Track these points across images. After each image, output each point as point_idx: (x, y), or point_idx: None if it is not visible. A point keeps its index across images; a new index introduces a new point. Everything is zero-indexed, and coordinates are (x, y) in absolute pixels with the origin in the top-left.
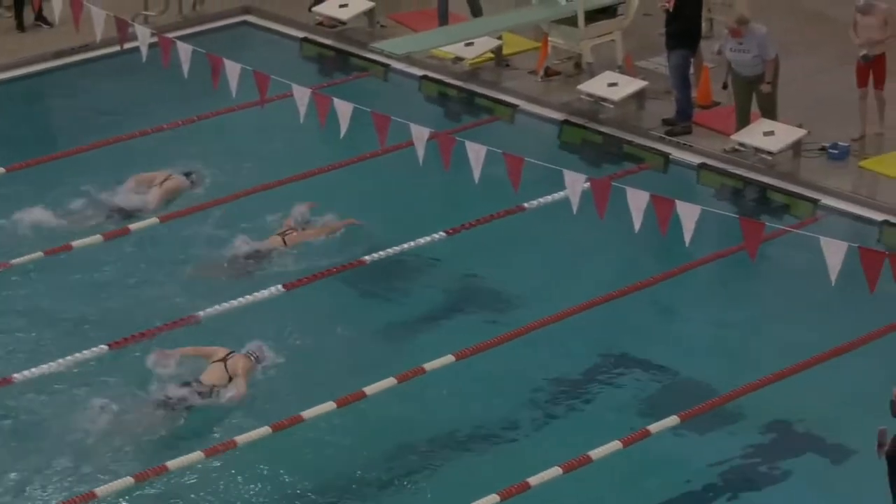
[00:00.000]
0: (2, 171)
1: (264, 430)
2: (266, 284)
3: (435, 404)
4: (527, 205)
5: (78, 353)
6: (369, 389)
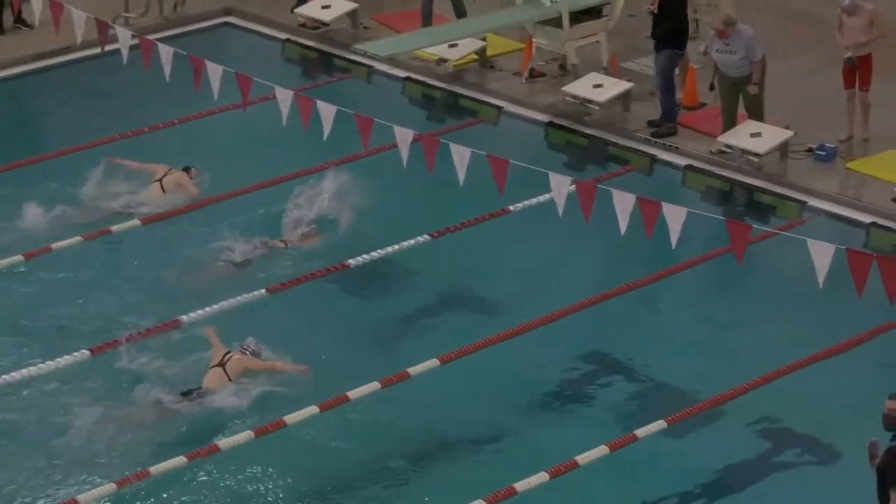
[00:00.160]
0: None
1: (247, 435)
2: (249, 288)
3: (420, 409)
4: (512, 207)
5: (59, 357)
6: (353, 394)
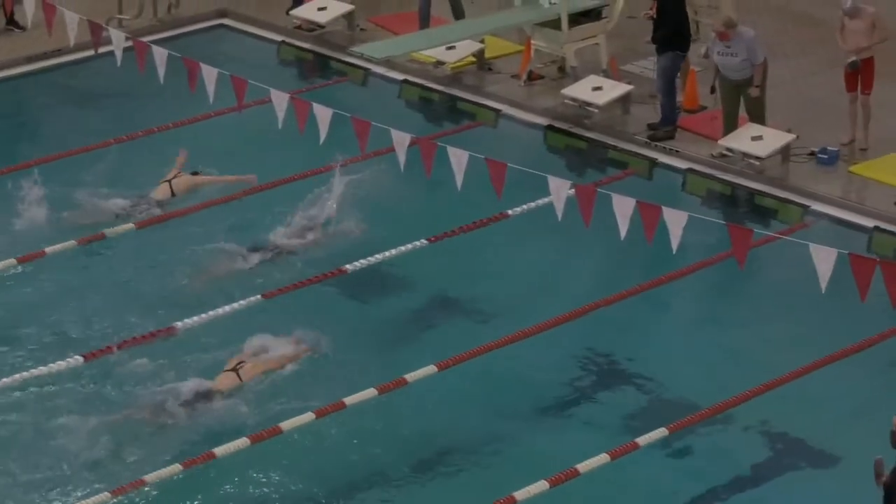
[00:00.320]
0: None
1: (242, 442)
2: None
3: (417, 416)
4: (510, 212)
5: (52, 363)
6: (349, 400)
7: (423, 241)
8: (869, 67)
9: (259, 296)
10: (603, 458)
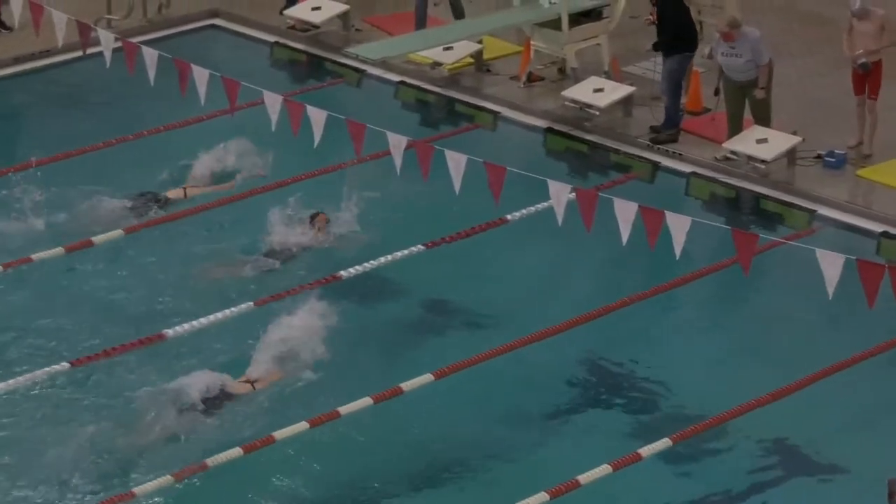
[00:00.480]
0: None
1: (235, 452)
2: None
3: (413, 426)
4: (509, 217)
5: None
6: (344, 409)
7: (420, 246)
8: (877, 71)
9: (251, 303)
10: (605, 468)
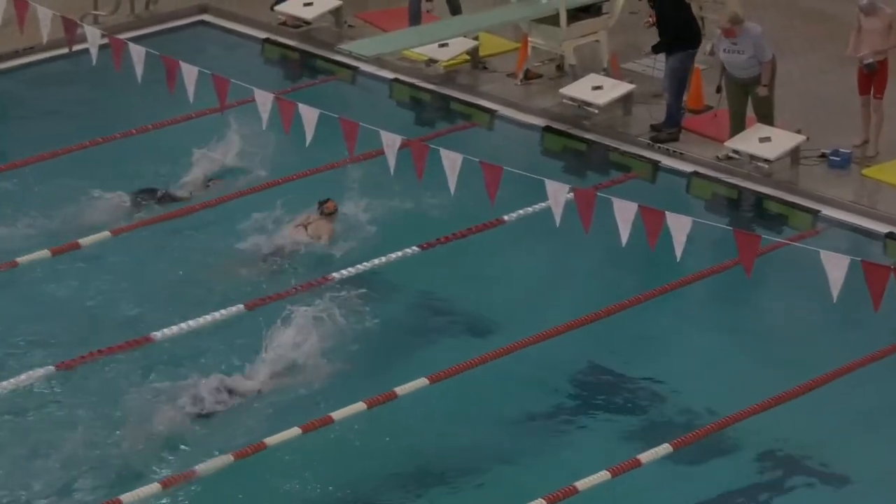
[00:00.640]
0: None
1: (226, 459)
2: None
3: (408, 431)
4: (506, 217)
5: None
6: (337, 415)
7: (415, 248)
8: (883, 70)
9: (242, 306)
10: (603, 475)
